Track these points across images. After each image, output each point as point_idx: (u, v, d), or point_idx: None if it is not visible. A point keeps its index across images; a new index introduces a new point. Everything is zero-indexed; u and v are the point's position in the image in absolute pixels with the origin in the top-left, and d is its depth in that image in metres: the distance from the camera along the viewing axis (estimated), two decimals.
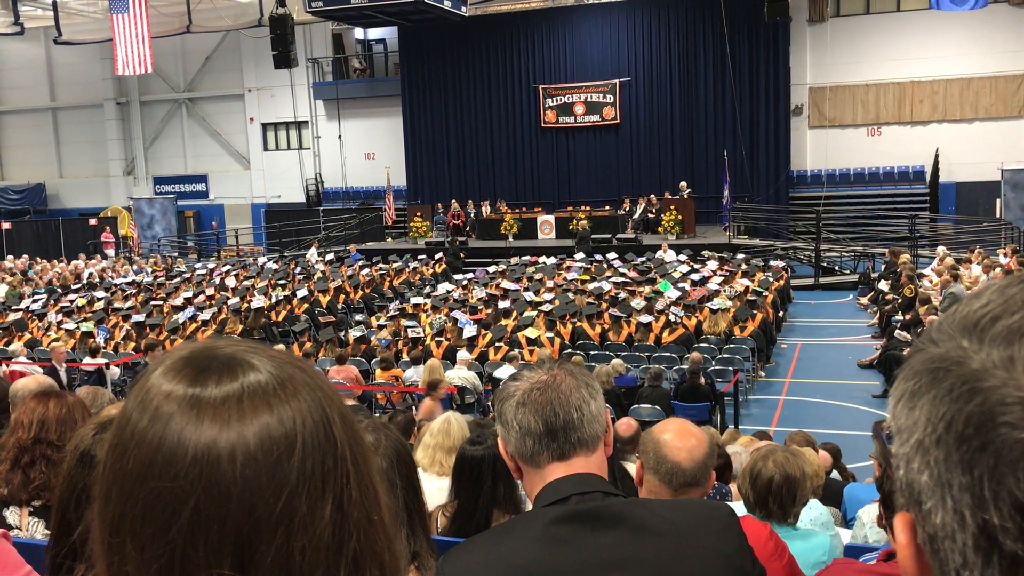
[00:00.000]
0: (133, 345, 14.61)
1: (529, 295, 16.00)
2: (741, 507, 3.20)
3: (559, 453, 1.60)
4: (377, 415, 7.81)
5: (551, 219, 24.95)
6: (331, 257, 23.65)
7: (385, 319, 15.30)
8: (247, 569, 0.72)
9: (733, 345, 13.11)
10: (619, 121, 27.75)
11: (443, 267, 22.39)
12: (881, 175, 26.11)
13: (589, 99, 28.04)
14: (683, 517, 1.54)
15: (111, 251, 29.00)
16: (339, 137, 31.58)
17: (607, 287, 16.46)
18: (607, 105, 27.87)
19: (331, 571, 0.75)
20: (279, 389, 0.77)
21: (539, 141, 28.66)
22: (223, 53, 32.89)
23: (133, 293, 19.04)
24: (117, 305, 17.39)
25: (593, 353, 12.90)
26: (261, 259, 24.96)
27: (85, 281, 22.30)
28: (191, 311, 16.13)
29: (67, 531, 1.64)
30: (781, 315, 16.69)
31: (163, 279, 20.97)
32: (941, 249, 19.43)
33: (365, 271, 20.84)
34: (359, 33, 31.79)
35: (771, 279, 17.29)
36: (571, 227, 23.67)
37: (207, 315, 15.71)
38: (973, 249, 18.51)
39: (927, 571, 0.60)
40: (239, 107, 33.40)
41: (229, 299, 17.34)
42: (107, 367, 12.57)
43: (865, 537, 4.37)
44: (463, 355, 12.00)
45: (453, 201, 26.73)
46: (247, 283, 19.85)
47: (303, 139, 32.84)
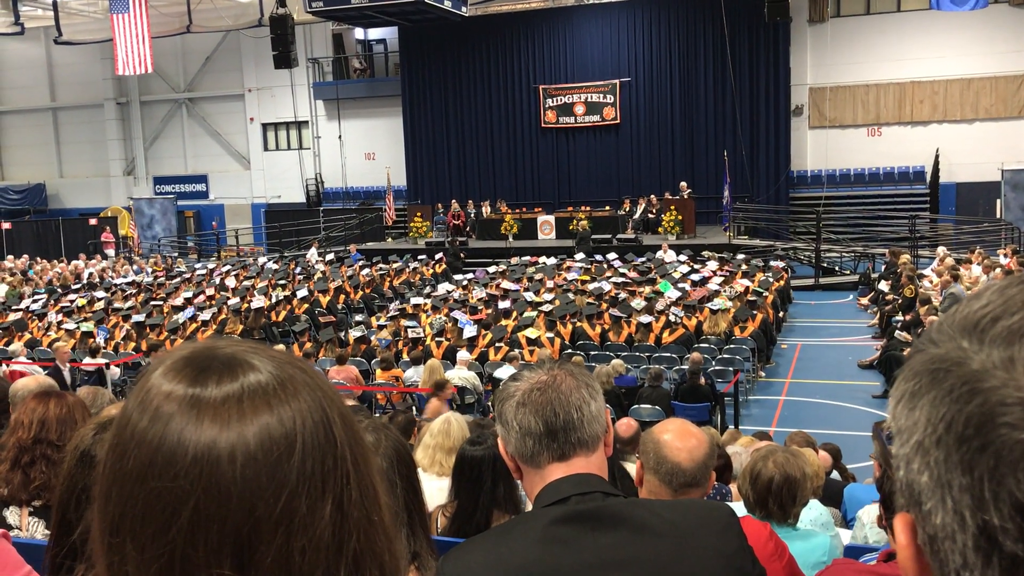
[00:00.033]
0: (133, 345, 14.62)
1: (529, 295, 16.00)
2: (741, 507, 3.20)
3: (559, 453, 1.60)
4: (377, 415, 7.81)
5: (551, 219, 24.94)
6: (331, 257, 23.65)
7: (385, 319, 15.30)
8: (247, 569, 0.72)
9: (733, 345, 13.11)
10: (619, 121, 27.74)
11: (443, 267, 22.38)
12: (881, 175, 26.09)
13: (589, 99, 28.03)
14: (683, 517, 1.54)
15: (111, 251, 29.00)
16: (339, 137, 31.57)
17: (607, 287, 16.46)
18: (607, 105, 27.86)
19: (331, 571, 0.75)
20: (279, 389, 0.77)
21: (539, 141, 28.65)
22: (223, 53, 32.89)
23: (133, 293, 19.05)
24: (117, 305, 17.39)
25: (593, 353, 12.90)
26: (261, 259, 24.96)
27: (85, 281, 22.31)
28: (191, 311, 16.13)
29: (67, 531, 1.64)
30: (781, 315, 16.69)
31: (163, 279, 20.98)
32: (941, 249, 19.43)
33: (365, 271, 20.83)
34: (359, 33, 31.78)
35: (771, 279, 17.28)
36: (571, 227, 23.66)
37: (207, 315, 15.71)
38: (973, 250, 18.52)
39: (927, 572, 0.60)
40: (239, 107, 33.40)
41: (229, 299, 17.34)
42: (107, 367, 12.57)
43: (865, 538, 4.37)
44: (463, 355, 12.00)
45: (453, 201, 26.72)
46: (247, 283, 19.85)
47: (303, 139, 32.83)
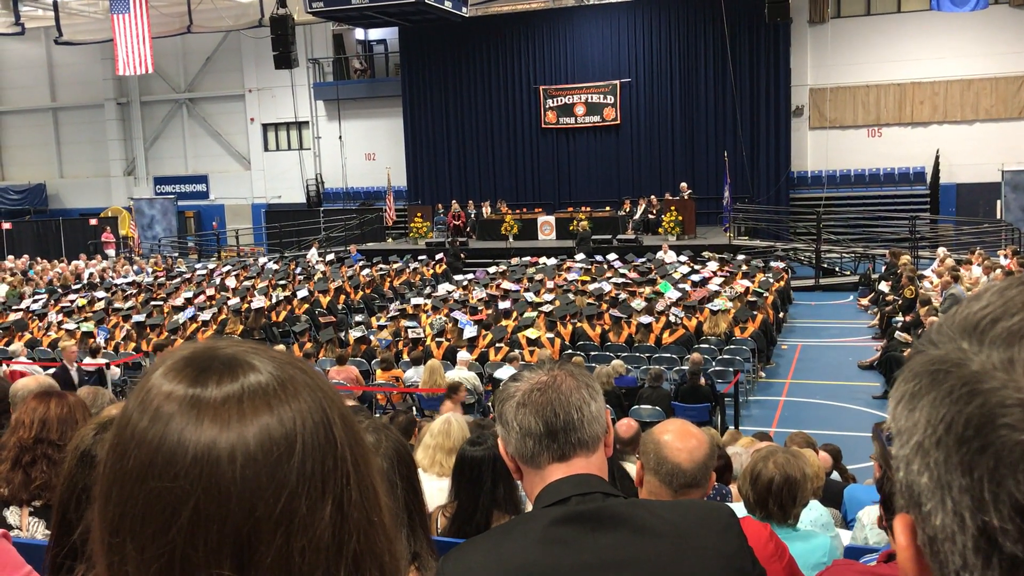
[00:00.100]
0: (133, 345, 14.63)
1: (529, 296, 16.00)
2: (741, 508, 3.20)
3: (559, 454, 1.60)
4: (377, 416, 7.81)
5: (551, 220, 24.94)
6: (331, 257, 23.65)
7: (385, 320, 15.30)
8: (247, 569, 0.72)
9: (733, 346, 13.11)
10: (619, 122, 27.73)
11: (443, 268, 22.38)
12: (881, 176, 26.09)
13: (590, 100, 28.03)
14: (683, 518, 1.54)
15: (111, 251, 29.00)
16: (339, 137, 31.57)
17: (607, 288, 16.46)
18: (607, 106, 27.86)
19: (331, 572, 0.75)
20: (279, 390, 0.77)
21: (539, 142, 28.65)
22: (224, 53, 32.89)
23: (133, 293, 19.05)
24: (117, 305, 17.38)
25: (593, 354, 12.90)
26: (261, 259, 24.96)
27: (85, 281, 22.31)
28: (191, 311, 16.13)
29: (67, 531, 1.64)
30: (781, 316, 16.69)
31: (163, 279, 20.97)
32: (941, 250, 19.43)
33: (365, 271, 20.83)
34: (360, 34, 31.78)
35: (771, 280, 17.28)
36: (571, 228, 23.65)
37: (207, 315, 15.71)
38: (973, 250, 18.52)
39: (927, 573, 0.60)
40: (240, 107, 33.40)
41: (229, 299, 17.34)
42: (107, 367, 12.56)
43: (865, 538, 4.38)
44: (463, 356, 12.00)
45: (453, 202, 26.72)
46: (247, 283, 19.85)
47: (303, 139, 32.83)
